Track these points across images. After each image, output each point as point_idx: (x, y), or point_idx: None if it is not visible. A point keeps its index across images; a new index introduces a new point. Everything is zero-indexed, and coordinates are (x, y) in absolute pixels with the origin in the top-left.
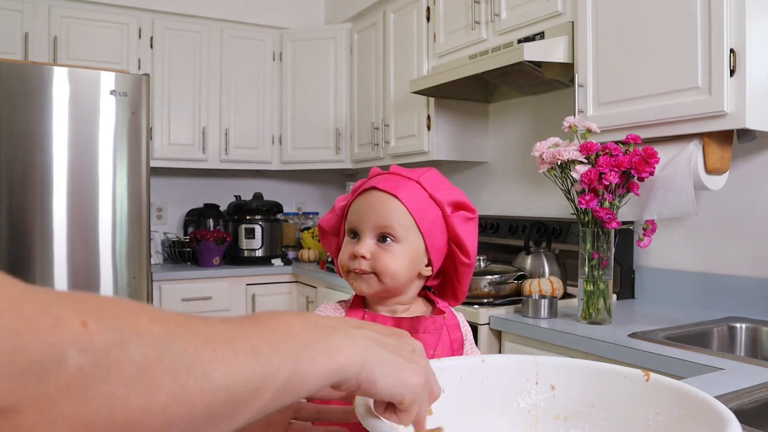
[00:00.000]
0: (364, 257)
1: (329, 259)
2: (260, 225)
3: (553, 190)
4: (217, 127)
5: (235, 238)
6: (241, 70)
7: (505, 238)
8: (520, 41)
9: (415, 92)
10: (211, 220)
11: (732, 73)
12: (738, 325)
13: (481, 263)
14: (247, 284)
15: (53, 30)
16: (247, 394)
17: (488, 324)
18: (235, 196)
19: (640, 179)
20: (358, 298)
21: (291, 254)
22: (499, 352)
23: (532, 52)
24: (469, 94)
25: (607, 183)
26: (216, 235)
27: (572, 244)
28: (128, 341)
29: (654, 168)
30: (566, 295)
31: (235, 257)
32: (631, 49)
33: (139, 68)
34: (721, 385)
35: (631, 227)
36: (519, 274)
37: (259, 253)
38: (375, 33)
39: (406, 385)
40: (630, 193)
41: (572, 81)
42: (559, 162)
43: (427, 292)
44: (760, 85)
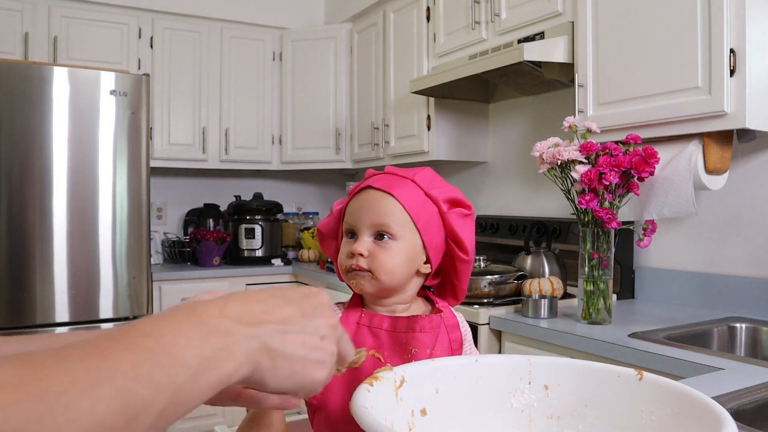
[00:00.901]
0: (361, 255)
1: (329, 260)
2: (260, 225)
3: (553, 190)
4: (217, 127)
5: (235, 238)
6: (241, 70)
7: (505, 238)
8: (520, 41)
9: (415, 92)
10: (211, 220)
11: (732, 73)
12: (738, 325)
13: (481, 263)
14: (247, 284)
15: (53, 30)
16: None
17: (488, 324)
18: (235, 196)
19: (640, 179)
20: (356, 298)
21: (291, 254)
22: (499, 353)
23: (532, 52)
24: (469, 94)
25: (607, 183)
26: (216, 235)
27: (572, 244)
28: None
29: (654, 168)
30: (566, 295)
31: (235, 257)
32: (631, 49)
33: (139, 68)
34: (721, 385)
35: (631, 227)
36: (519, 274)
37: (259, 253)
38: (375, 33)
39: (302, 384)
40: (630, 193)
41: (572, 81)
42: (559, 162)
43: (427, 292)
44: (760, 85)
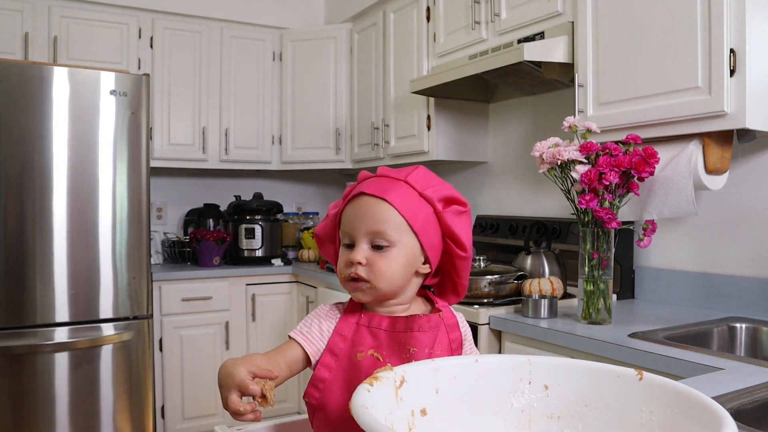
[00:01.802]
0: (360, 263)
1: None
2: (260, 225)
3: (553, 190)
4: (217, 127)
5: (235, 238)
6: (241, 70)
7: (505, 238)
8: (520, 41)
9: (415, 92)
10: (211, 220)
11: (732, 73)
12: (738, 325)
13: (481, 263)
14: (247, 284)
15: (53, 30)
16: None
17: (488, 324)
18: (235, 196)
19: (640, 179)
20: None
21: (291, 254)
22: (499, 353)
23: (532, 52)
24: (469, 94)
25: (607, 183)
26: (216, 235)
27: (572, 244)
28: None
29: (654, 168)
30: (566, 295)
31: (235, 257)
32: (631, 49)
33: (139, 68)
34: (721, 385)
35: (631, 227)
36: (519, 274)
37: (259, 253)
38: (375, 33)
39: None
40: (630, 193)
41: (572, 81)
42: (559, 162)
43: (427, 292)
44: (760, 85)
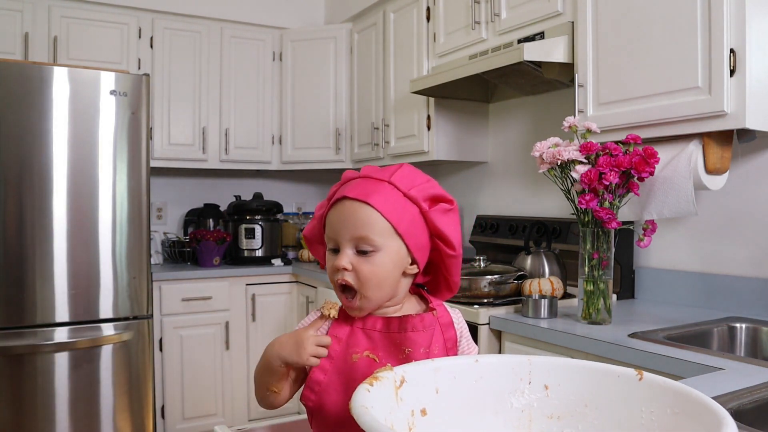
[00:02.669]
0: (345, 269)
1: None
2: (260, 225)
3: (553, 190)
4: (217, 127)
5: (235, 238)
6: (241, 70)
7: (505, 238)
8: (520, 41)
9: (415, 92)
10: (211, 220)
11: (732, 73)
12: (738, 325)
13: (481, 263)
14: (247, 284)
15: (53, 30)
16: None
17: (488, 324)
18: (235, 196)
19: (640, 179)
20: None
21: (291, 254)
22: (499, 353)
23: (532, 52)
24: (469, 94)
25: (607, 183)
26: (216, 235)
27: (572, 244)
28: None
29: (654, 168)
30: (566, 295)
31: (235, 257)
32: (631, 49)
33: (139, 68)
34: (721, 385)
35: (631, 227)
36: (519, 274)
37: (259, 253)
38: (375, 33)
39: None
40: (630, 193)
41: (572, 81)
42: (559, 162)
43: (421, 290)
44: (760, 85)
